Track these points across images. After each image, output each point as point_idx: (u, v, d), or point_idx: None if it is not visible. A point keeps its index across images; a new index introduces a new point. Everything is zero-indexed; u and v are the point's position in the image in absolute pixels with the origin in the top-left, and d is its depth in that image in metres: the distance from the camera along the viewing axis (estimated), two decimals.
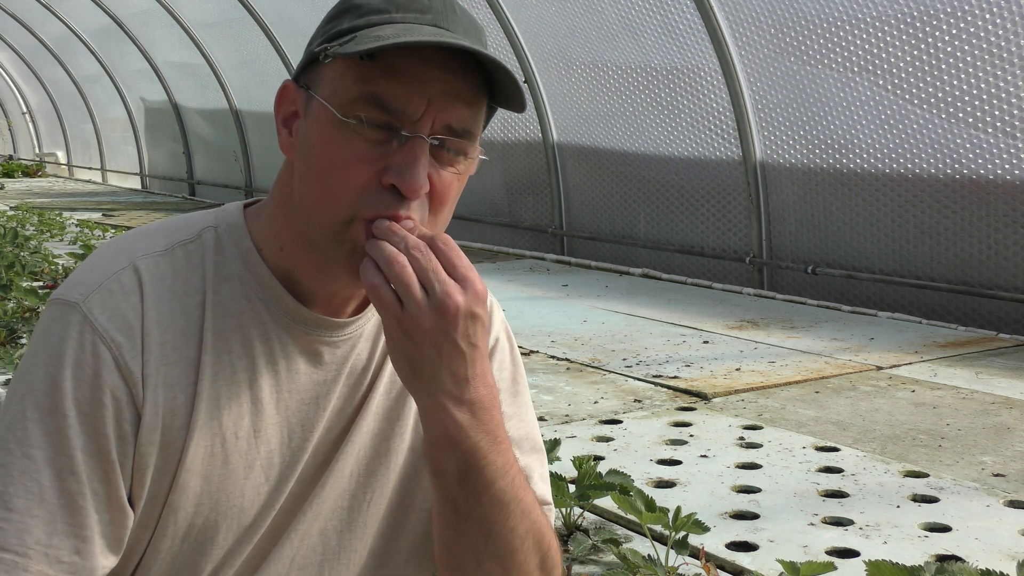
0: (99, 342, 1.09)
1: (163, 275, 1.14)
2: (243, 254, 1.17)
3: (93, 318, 1.09)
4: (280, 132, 1.16)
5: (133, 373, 1.09)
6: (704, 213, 7.02)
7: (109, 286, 1.12)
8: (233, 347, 1.15)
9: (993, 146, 5.32)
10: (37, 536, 1.05)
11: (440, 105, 1.07)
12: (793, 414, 3.72)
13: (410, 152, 1.07)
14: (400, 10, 1.09)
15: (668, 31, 6.85)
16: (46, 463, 1.07)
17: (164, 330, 1.12)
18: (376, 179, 1.08)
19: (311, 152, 1.11)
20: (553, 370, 4.44)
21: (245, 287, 1.16)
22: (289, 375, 1.18)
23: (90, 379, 1.08)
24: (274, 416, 1.18)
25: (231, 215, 1.21)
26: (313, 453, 1.21)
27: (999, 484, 2.99)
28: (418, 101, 1.06)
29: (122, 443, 1.09)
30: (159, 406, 1.11)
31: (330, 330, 1.20)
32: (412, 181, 1.07)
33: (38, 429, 1.07)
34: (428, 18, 1.09)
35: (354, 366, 1.22)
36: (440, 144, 1.09)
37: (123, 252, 1.15)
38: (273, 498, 1.19)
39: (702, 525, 2.29)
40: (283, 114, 1.16)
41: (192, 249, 1.17)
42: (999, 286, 5.39)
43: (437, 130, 1.08)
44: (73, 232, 9.20)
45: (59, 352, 1.09)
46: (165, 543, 1.15)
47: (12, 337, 4.69)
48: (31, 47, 17.57)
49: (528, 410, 1.36)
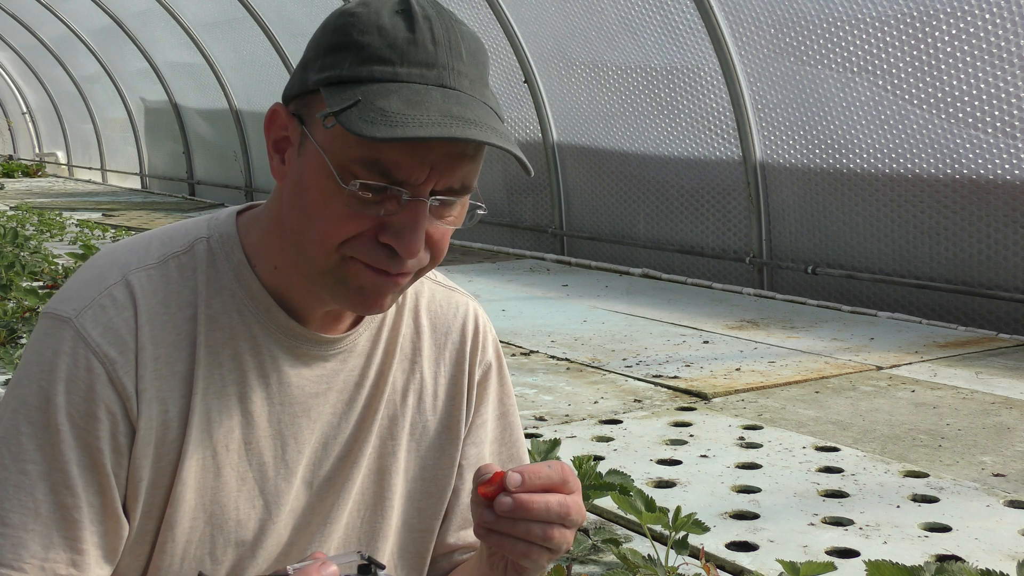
0: (92, 358, 1.09)
1: (156, 289, 1.13)
2: (235, 267, 1.17)
3: (86, 333, 1.09)
4: (271, 157, 1.13)
5: (127, 388, 1.10)
6: (704, 213, 7.02)
7: (102, 301, 1.11)
8: (224, 360, 1.15)
9: (993, 146, 5.32)
10: (33, 550, 1.06)
11: (443, 169, 1.05)
12: (793, 414, 3.72)
13: (411, 216, 1.05)
14: (405, 62, 1.04)
15: (668, 31, 6.85)
16: (40, 477, 1.07)
17: (157, 344, 1.12)
18: (372, 232, 1.06)
19: (305, 194, 1.08)
20: (553, 370, 4.44)
21: (237, 301, 1.16)
22: (280, 388, 1.18)
23: (84, 394, 1.08)
24: (266, 429, 1.17)
25: (223, 225, 1.19)
26: (312, 468, 1.21)
27: (999, 484, 2.99)
28: (421, 169, 1.04)
29: (117, 455, 1.10)
30: (153, 420, 1.11)
31: (321, 345, 1.19)
32: (411, 247, 1.06)
33: (32, 444, 1.07)
34: (434, 75, 1.04)
35: (347, 381, 1.22)
36: (440, 203, 1.07)
37: (116, 265, 1.15)
38: (272, 513, 1.19)
39: (702, 525, 2.28)
40: (274, 138, 1.12)
41: (184, 261, 1.16)
42: (999, 286, 5.39)
43: (439, 191, 1.06)
44: (73, 232, 9.20)
45: (52, 367, 1.09)
46: (165, 560, 1.15)
47: (12, 337, 4.69)
48: (31, 47, 17.57)
49: (515, 430, 1.37)
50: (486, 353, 1.33)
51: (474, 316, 1.33)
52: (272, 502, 1.18)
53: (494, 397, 1.34)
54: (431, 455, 1.28)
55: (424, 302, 1.29)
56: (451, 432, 1.29)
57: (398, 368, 1.26)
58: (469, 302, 1.34)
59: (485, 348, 1.33)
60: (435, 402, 1.28)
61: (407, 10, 1.06)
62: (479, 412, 1.32)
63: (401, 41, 1.04)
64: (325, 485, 1.22)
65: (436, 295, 1.31)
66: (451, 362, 1.30)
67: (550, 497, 1.04)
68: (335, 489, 1.22)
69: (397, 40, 1.04)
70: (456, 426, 1.29)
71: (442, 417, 1.29)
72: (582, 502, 1.08)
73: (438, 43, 1.05)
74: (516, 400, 1.39)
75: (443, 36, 1.05)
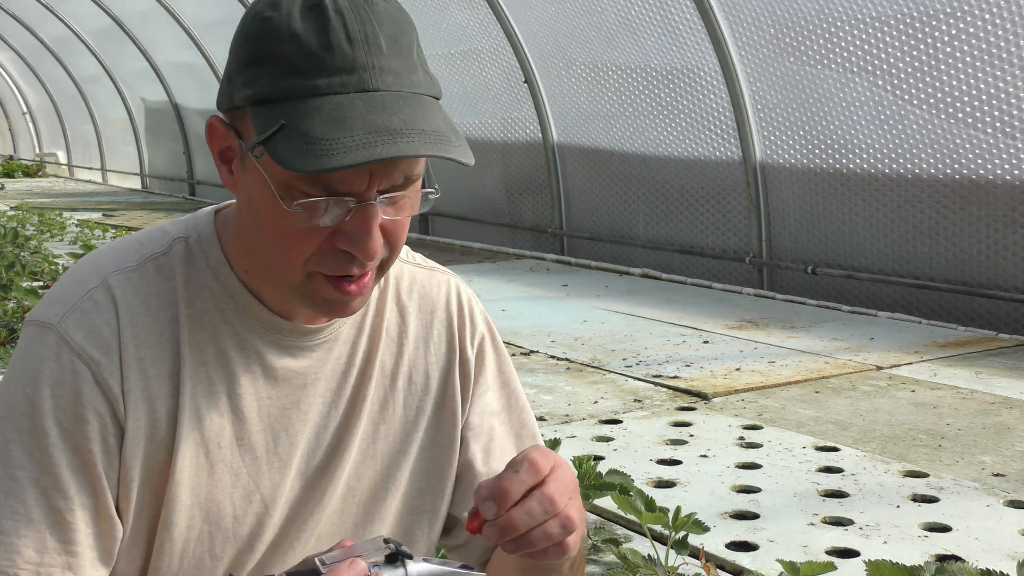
0: (77, 360, 1.09)
1: (136, 290, 1.14)
2: (213, 266, 1.17)
3: (69, 338, 1.10)
4: (220, 169, 1.12)
5: (113, 389, 1.10)
6: (704, 213, 7.02)
7: (83, 305, 1.12)
8: (209, 359, 1.15)
9: (993, 146, 5.32)
10: (27, 555, 1.06)
11: (383, 173, 1.04)
12: (793, 414, 3.72)
13: (362, 221, 1.05)
14: (324, 71, 1.00)
15: (668, 31, 6.85)
16: (30, 483, 1.07)
17: (140, 345, 1.12)
18: (329, 242, 1.06)
19: (257, 212, 1.08)
20: (553, 370, 4.44)
21: (217, 299, 1.16)
22: (268, 382, 1.18)
23: (70, 397, 1.09)
24: (257, 424, 1.18)
25: (201, 224, 1.20)
26: (306, 459, 1.21)
27: (999, 484, 2.99)
28: (360, 178, 1.03)
29: (108, 456, 1.10)
30: (141, 419, 1.11)
31: (305, 336, 1.19)
32: (368, 250, 1.06)
33: (20, 450, 1.08)
34: (355, 80, 1.01)
35: (334, 370, 1.22)
36: (388, 200, 1.06)
37: (95, 269, 1.15)
38: (268, 508, 1.19)
39: (702, 525, 2.29)
40: (218, 150, 1.11)
41: (163, 262, 1.16)
42: (998, 286, 5.39)
43: (384, 189, 1.05)
44: (73, 232, 9.21)
45: (36, 373, 1.09)
46: (164, 561, 1.15)
47: (12, 337, 4.69)
48: (32, 47, 17.57)
49: (519, 397, 1.36)
50: (476, 326, 1.32)
51: (456, 291, 1.33)
52: (268, 496, 1.19)
53: (493, 367, 1.33)
54: (428, 435, 1.28)
55: (405, 284, 1.29)
56: (447, 409, 1.29)
57: (385, 351, 1.26)
58: (451, 279, 1.34)
59: (474, 321, 1.32)
60: (427, 381, 1.28)
61: (318, 5, 1.02)
62: (478, 383, 1.31)
63: (316, 48, 1.00)
64: (318, 474, 1.22)
65: (417, 276, 1.31)
66: (441, 340, 1.30)
67: (530, 504, 1.02)
68: (327, 477, 1.22)
69: (311, 47, 1.00)
70: (452, 403, 1.29)
71: (437, 396, 1.28)
72: (566, 472, 1.05)
73: (354, 41, 1.01)
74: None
75: (358, 31, 1.01)
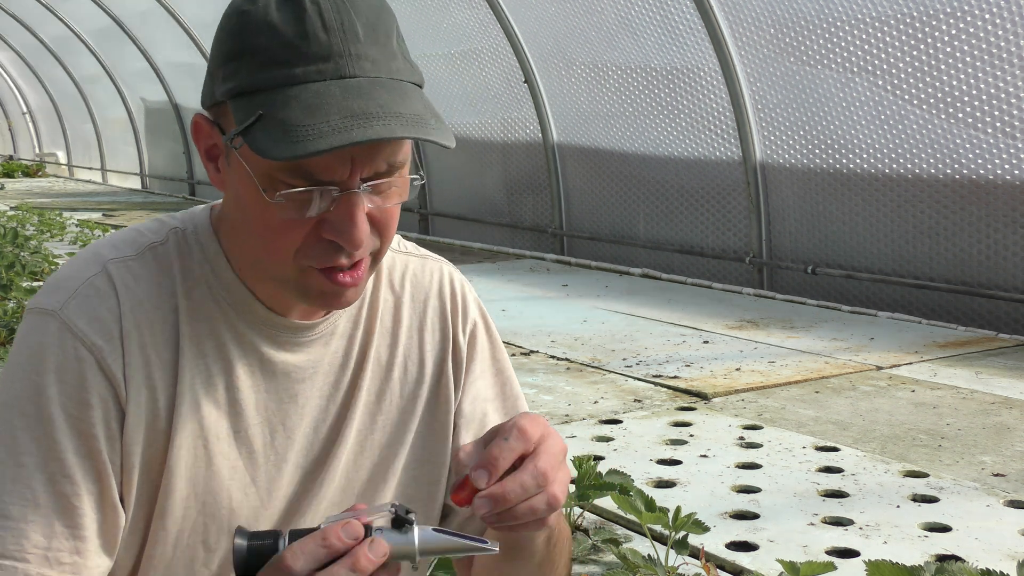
0: (80, 346, 1.10)
1: (136, 277, 1.14)
2: (210, 259, 1.18)
3: (72, 324, 1.10)
4: (207, 167, 1.13)
5: (116, 375, 1.10)
6: (704, 213, 7.02)
7: (84, 291, 1.12)
8: (208, 351, 1.16)
9: (993, 146, 5.32)
10: (35, 540, 1.06)
11: (364, 160, 1.04)
12: (793, 414, 3.72)
13: (346, 210, 1.05)
14: (301, 61, 1.02)
15: (668, 31, 6.85)
16: (37, 468, 1.07)
17: (142, 332, 1.13)
18: (315, 233, 1.07)
19: (246, 209, 1.09)
20: (553, 370, 4.44)
21: (213, 292, 1.17)
22: (265, 377, 1.19)
23: (75, 382, 1.09)
24: (254, 417, 1.18)
25: (197, 217, 1.21)
26: (303, 453, 1.22)
27: (999, 484, 2.99)
28: (342, 166, 1.03)
29: (111, 441, 1.10)
30: (142, 406, 1.12)
31: (301, 331, 1.20)
32: (354, 239, 1.06)
33: (26, 436, 1.08)
34: (331, 68, 1.02)
35: (331, 363, 1.23)
36: (372, 187, 1.07)
37: (95, 257, 1.16)
38: (264, 501, 1.20)
39: (702, 525, 2.29)
40: (204, 148, 1.12)
41: (161, 252, 1.17)
42: (998, 286, 5.39)
43: (367, 177, 1.05)
44: (73, 232, 9.20)
45: (41, 359, 1.09)
46: (157, 550, 1.15)
47: (12, 338, 4.69)
48: (32, 47, 17.57)
49: (513, 384, 1.36)
50: (468, 313, 1.33)
51: (449, 278, 1.33)
52: (264, 489, 1.19)
53: (486, 353, 1.34)
54: (423, 423, 1.28)
55: (398, 274, 1.30)
56: (442, 397, 1.29)
57: (381, 342, 1.26)
58: (443, 266, 1.34)
59: (467, 308, 1.33)
60: (422, 370, 1.28)
61: None
62: (470, 370, 1.31)
63: (292, 37, 1.02)
64: (315, 467, 1.22)
65: (410, 265, 1.31)
66: (435, 327, 1.30)
67: (522, 476, 1.00)
68: (324, 470, 1.22)
69: (288, 37, 1.02)
70: (446, 391, 1.29)
71: (431, 384, 1.29)
72: (555, 442, 1.04)
73: (330, 29, 1.02)
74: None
75: (334, 19, 1.03)
